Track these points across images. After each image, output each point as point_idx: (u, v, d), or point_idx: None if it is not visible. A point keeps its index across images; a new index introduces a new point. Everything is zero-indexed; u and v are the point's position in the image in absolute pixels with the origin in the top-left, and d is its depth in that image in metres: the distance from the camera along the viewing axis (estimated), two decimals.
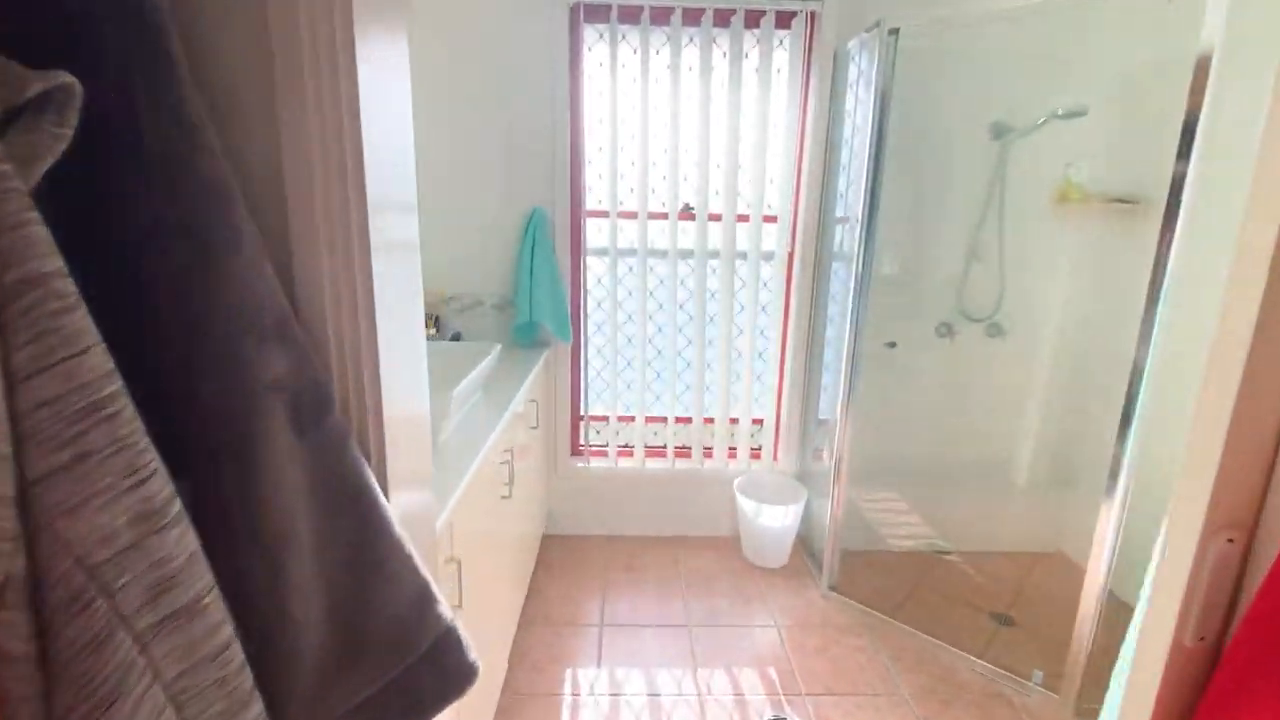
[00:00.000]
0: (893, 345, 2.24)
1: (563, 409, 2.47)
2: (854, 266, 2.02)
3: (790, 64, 2.25)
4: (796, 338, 2.45)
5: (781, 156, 2.33)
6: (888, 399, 2.44)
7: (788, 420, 2.52)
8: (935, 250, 2.36)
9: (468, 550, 1.20)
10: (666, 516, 2.59)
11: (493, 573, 1.50)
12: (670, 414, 2.53)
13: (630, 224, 2.40)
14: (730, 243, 2.34)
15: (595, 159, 2.38)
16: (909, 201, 2.30)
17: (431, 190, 2.26)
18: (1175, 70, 1.54)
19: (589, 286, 2.48)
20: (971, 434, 2.54)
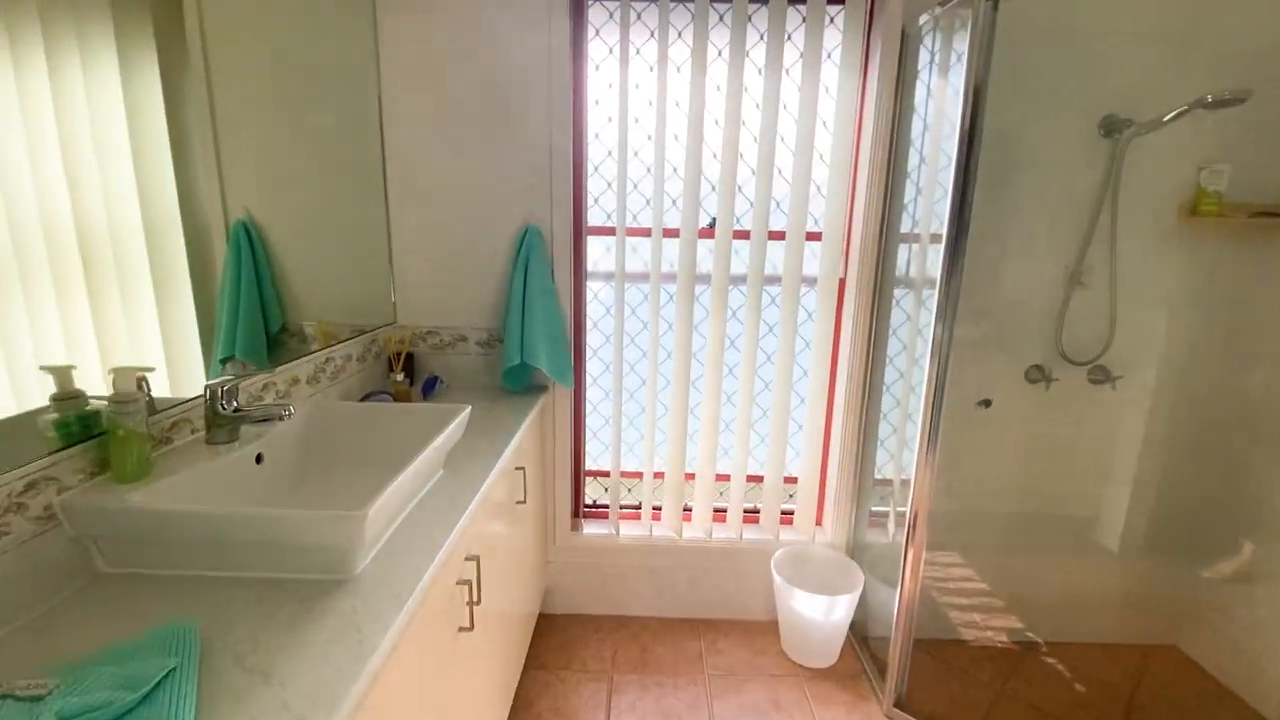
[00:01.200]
0: (987, 404, 1.78)
1: (562, 464, 2.05)
2: (936, 295, 1.57)
3: (845, 47, 1.81)
4: (850, 380, 1.99)
5: (831, 160, 1.89)
6: (964, 455, 1.97)
7: (837, 480, 2.07)
8: (1026, 275, 1.90)
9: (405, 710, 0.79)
10: (688, 595, 2.15)
11: (455, 708, 1.08)
12: (693, 471, 2.09)
13: (643, 242, 1.98)
14: (765, 265, 1.90)
15: (602, 165, 1.97)
16: (995, 214, 1.84)
17: (401, 203, 1.86)
18: None
19: (594, 318, 2.06)
20: (1067, 498, 2.06)
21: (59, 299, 0.90)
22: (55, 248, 0.90)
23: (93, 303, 0.95)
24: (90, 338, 0.95)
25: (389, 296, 1.92)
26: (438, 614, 1.01)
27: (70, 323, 0.91)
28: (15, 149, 0.85)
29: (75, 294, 0.93)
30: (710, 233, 1.93)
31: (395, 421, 1.30)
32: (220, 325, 1.27)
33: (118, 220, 1.00)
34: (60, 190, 0.91)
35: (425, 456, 1.06)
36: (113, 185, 0.99)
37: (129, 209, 1.03)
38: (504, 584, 1.49)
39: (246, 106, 1.30)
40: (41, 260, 0.87)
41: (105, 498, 0.87)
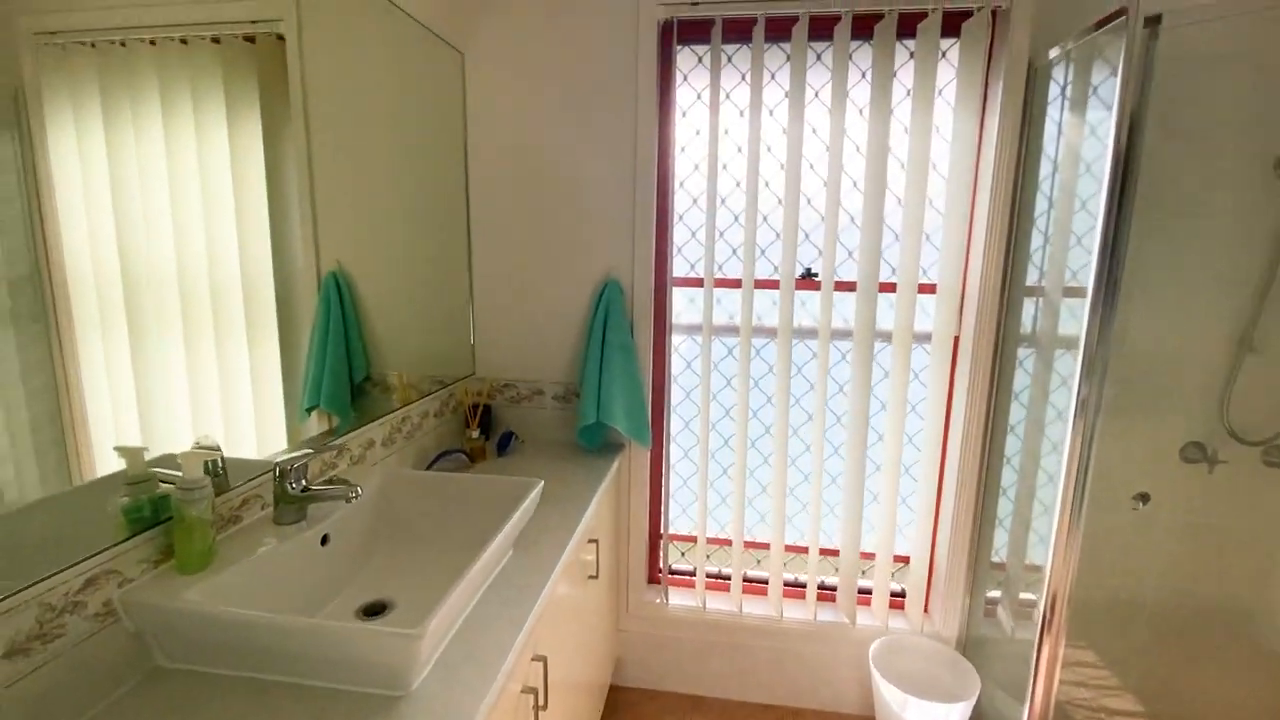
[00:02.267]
0: (1145, 499, 1.51)
1: (638, 529, 1.93)
2: (1080, 357, 1.35)
3: (960, 83, 1.63)
4: (965, 449, 1.76)
5: (945, 206, 1.71)
6: (1106, 542, 1.69)
7: (948, 563, 1.82)
8: (1183, 337, 1.62)
9: None
10: (771, 678, 1.95)
11: None
12: (779, 541, 1.91)
13: (730, 294, 1.86)
14: (868, 320, 1.73)
15: (688, 214, 1.87)
16: (1141, 267, 1.58)
17: (483, 254, 1.84)
18: None
19: (675, 373, 1.95)
20: (1236, 598, 1.72)
21: (152, 347, 0.90)
22: (152, 300, 0.90)
23: (188, 353, 0.96)
24: (182, 387, 0.95)
25: (469, 348, 1.89)
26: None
27: (159, 371, 0.91)
28: (131, 204, 0.86)
29: (171, 343, 0.93)
30: (806, 284, 1.79)
31: (465, 495, 1.23)
32: (307, 375, 1.26)
33: (217, 273, 1.01)
34: (166, 244, 0.92)
35: (490, 552, 0.97)
36: (215, 239, 1.01)
37: (228, 262, 1.03)
38: (572, 668, 1.37)
39: (341, 161, 1.30)
40: (137, 311, 0.88)
41: (165, 594, 0.83)
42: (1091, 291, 1.33)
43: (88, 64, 0.81)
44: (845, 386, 1.84)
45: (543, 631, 1.11)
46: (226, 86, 1.03)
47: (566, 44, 1.72)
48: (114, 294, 0.85)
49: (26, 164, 0.74)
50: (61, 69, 0.77)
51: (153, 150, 0.90)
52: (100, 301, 0.82)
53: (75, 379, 0.79)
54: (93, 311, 0.81)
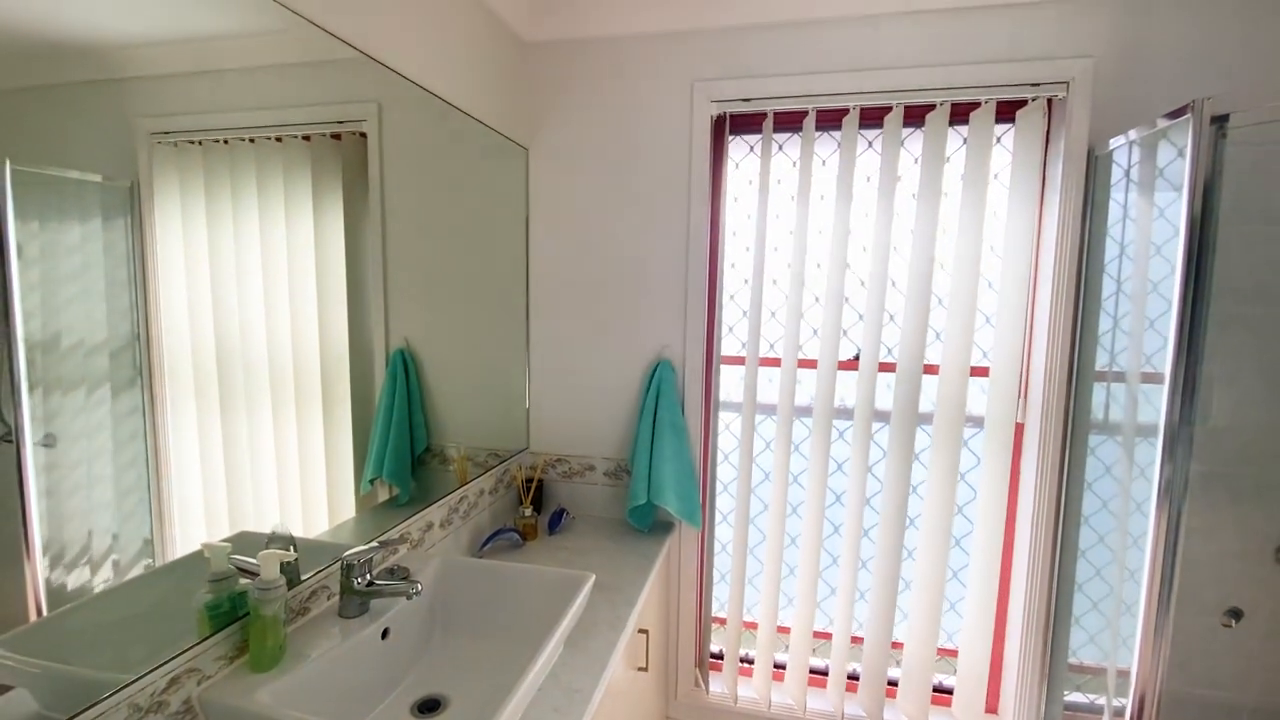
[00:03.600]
0: (1238, 616, 1.40)
1: (687, 613, 1.89)
2: (1160, 445, 1.27)
3: (1016, 168, 1.62)
4: (1034, 542, 1.67)
5: (1001, 288, 1.68)
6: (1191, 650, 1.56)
7: (1019, 662, 1.71)
8: (1270, 429, 1.51)
9: None
10: None
11: None
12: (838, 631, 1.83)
13: (779, 373, 1.85)
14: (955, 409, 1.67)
15: (739, 294, 1.89)
16: (1224, 354, 1.50)
17: (540, 333, 1.90)
18: None
19: (725, 451, 1.94)
20: None
21: (234, 423, 0.97)
22: (240, 377, 0.98)
23: (271, 429, 1.03)
24: (263, 461, 1.01)
25: (524, 423, 1.94)
26: None
27: (240, 445, 0.97)
28: (226, 286, 0.95)
29: (253, 419, 1.00)
30: (853, 364, 1.77)
31: (518, 585, 1.24)
32: (372, 447, 1.32)
33: (301, 352, 1.10)
34: (257, 325, 1.01)
35: (540, 664, 0.97)
36: (299, 319, 1.09)
37: (310, 341, 1.12)
38: None
39: (412, 247, 1.40)
40: (225, 388, 0.95)
41: (240, 693, 0.86)
42: (1169, 378, 1.26)
43: (194, 160, 0.91)
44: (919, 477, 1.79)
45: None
46: (314, 179, 1.14)
47: (624, 137, 1.80)
48: (206, 370, 0.92)
49: (136, 250, 0.82)
50: (172, 163, 0.87)
51: (247, 237, 1.00)
52: (194, 376, 0.90)
53: (165, 451, 0.86)
54: (186, 386, 0.89)
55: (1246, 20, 1.45)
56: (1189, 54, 1.48)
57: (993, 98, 1.56)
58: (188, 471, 0.89)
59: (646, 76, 1.77)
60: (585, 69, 1.81)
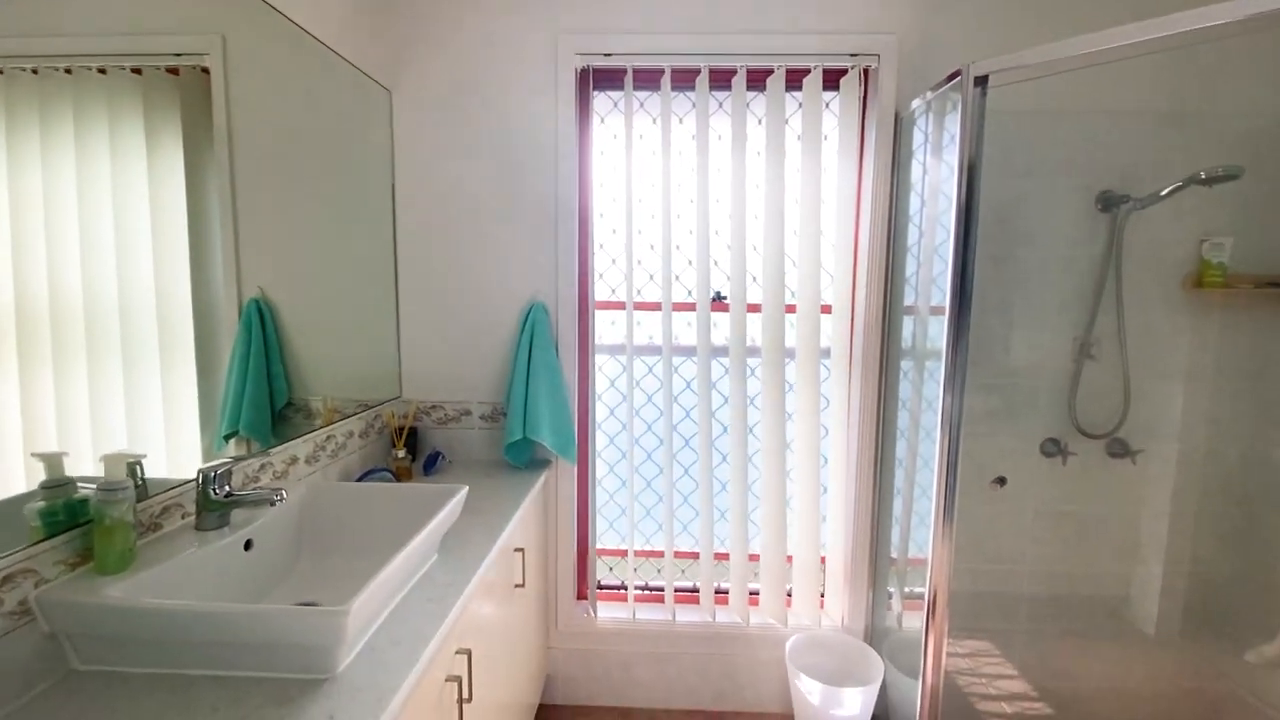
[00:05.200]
0: (1002, 482, 1.72)
1: (565, 544, 1.99)
2: (943, 367, 1.55)
3: (841, 131, 1.87)
4: (860, 456, 1.94)
5: (834, 236, 1.92)
6: (984, 532, 1.90)
7: (851, 561, 1.98)
8: (1035, 348, 1.88)
9: None
10: (698, 684, 2.03)
11: None
12: (703, 550, 2.02)
13: (650, 316, 2.00)
14: (777, 338, 1.90)
15: (609, 242, 2.01)
16: (999, 287, 1.84)
17: (410, 281, 1.90)
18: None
19: (599, 392, 2.05)
20: (1096, 579, 1.96)
21: (60, 374, 0.91)
22: (60, 323, 0.92)
23: (92, 378, 0.96)
24: (88, 413, 0.95)
25: (395, 371, 1.93)
26: (424, 716, 0.95)
27: (69, 397, 0.92)
28: (31, 226, 0.88)
29: (76, 368, 0.94)
30: (720, 306, 1.95)
31: (391, 503, 1.28)
32: (226, 401, 1.28)
33: (129, 297, 1.03)
34: (72, 266, 0.93)
35: (415, 545, 1.03)
36: (127, 263, 1.02)
37: (141, 287, 1.05)
38: (499, 676, 1.41)
39: (266, 191, 1.35)
40: (45, 336, 0.89)
41: (82, 592, 0.84)
42: (948, 309, 1.53)
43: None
44: (756, 399, 2.00)
45: (467, 628, 1.16)
46: (147, 116, 1.07)
47: (491, 85, 1.85)
48: (26, 316, 0.86)
49: None
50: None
51: (60, 179, 0.92)
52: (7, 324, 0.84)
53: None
54: None
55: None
56: (976, 27, 1.78)
57: (820, 65, 1.79)
58: (8, 429, 0.84)
59: (515, 28, 1.83)
60: (452, 11, 1.83)
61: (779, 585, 2.00)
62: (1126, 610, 1.98)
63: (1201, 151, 1.71)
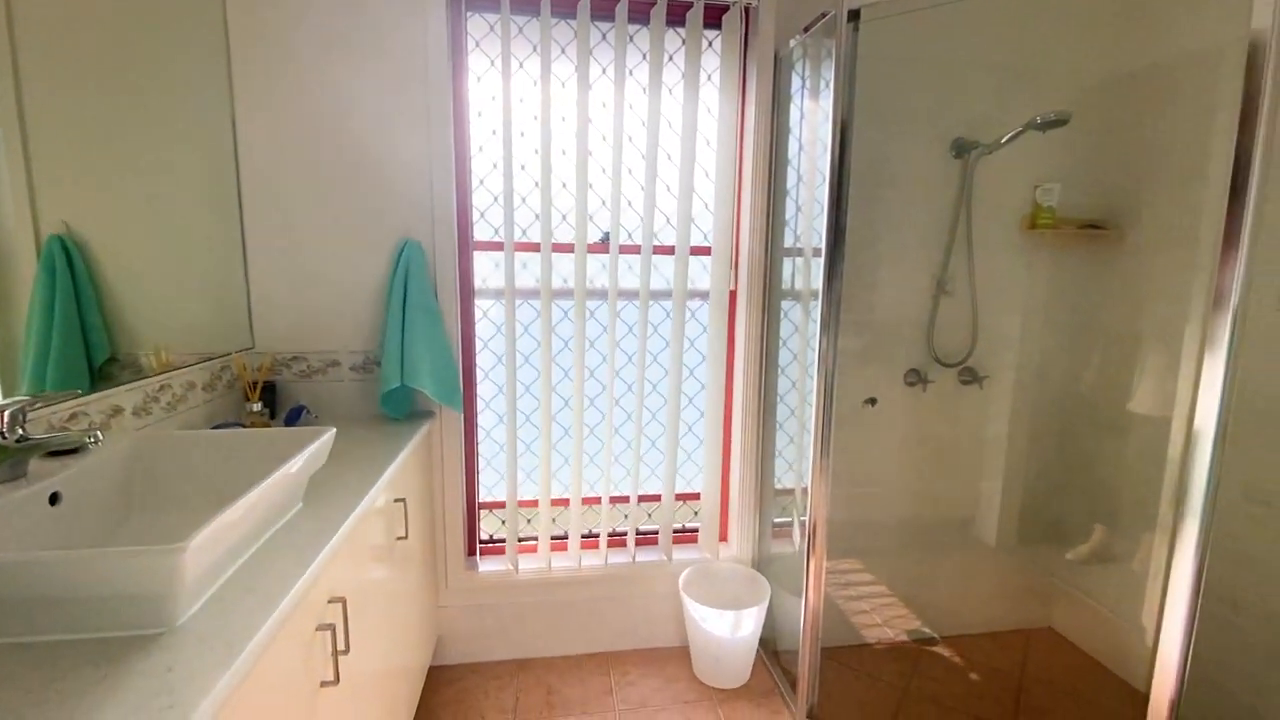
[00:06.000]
0: (873, 402, 1.85)
1: (452, 497, 1.89)
2: (820, 306, 1.61)
3: (723, 70, 1.88)
4: (746, 392, 2.01)
5: (716, 178, 1.94)
6: (856, 460, 2.04)
7: (739, 494, 2.06)
8: (901, 286, 2.02)
9: None
10: (595, 629, 2.03)
11: None
12: (594, 495, 2.01)
13: (533, 258, 1.92)
14: (658, 280, 1.90)
15: (488, 179, 1.89)
16: (868, 229, 1.95)
17: (258, 219, 1.69)
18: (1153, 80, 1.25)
19: (484, 338, 1.95)
20: (949, 495, 2.18)
21: None
22: None
23: None
24: None
25: (245, 320, 1.71)
26: (291, 667, 0.85)
27: None
28: None
29: None
30: (603, 247, 1.91)
31: (242, 450, 1.13)
32: (26, 357, 1.06)
33: None
34: None
35: (272, 483, 0.91)
36: None
37: None
38: (383, 632, 1.32)
39: (67, 106, 1.12)
40: None
41: None
42: (825, 249, 1.59)
43: None
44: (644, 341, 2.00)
45: (342, 578, 1.06)
46: None
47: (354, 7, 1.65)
48: None
49: None
50: None
51: None
52: None
53: None
54: None
55: None
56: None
57: (701, 1, 1.77)
58: None
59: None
60: None
61: (673, 523, 2.04)
62: (973, 524, 2.22)
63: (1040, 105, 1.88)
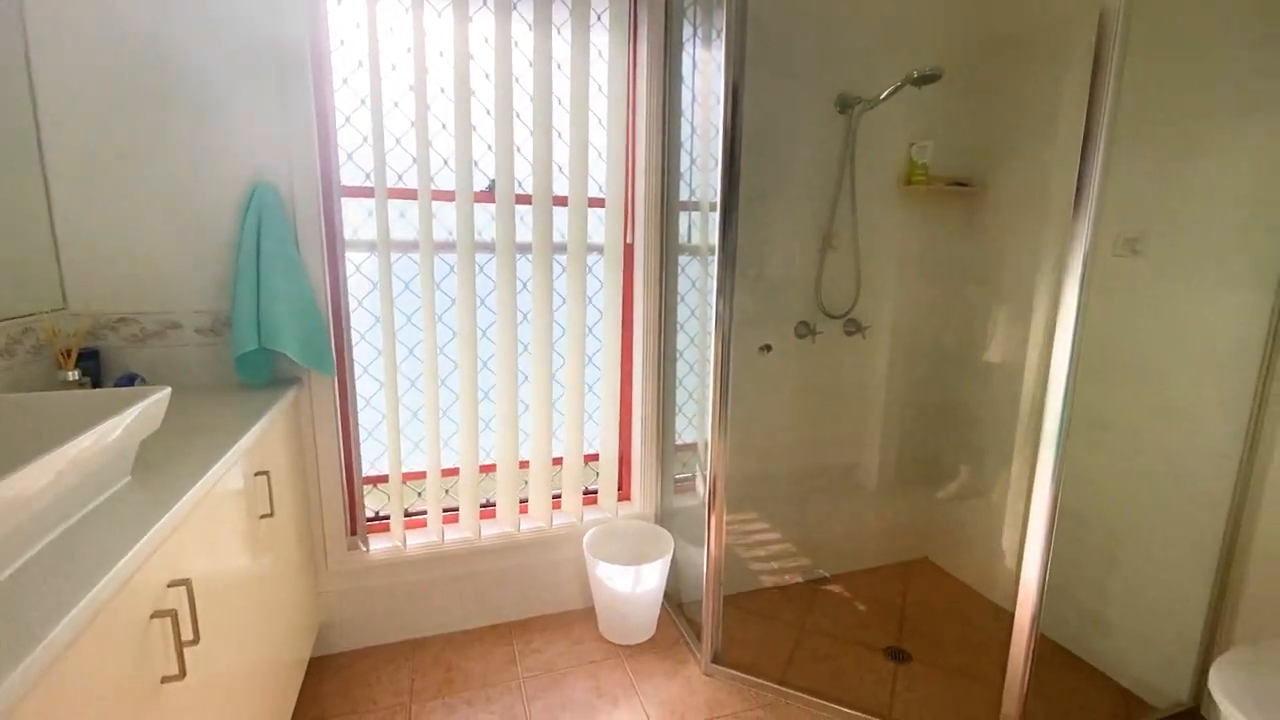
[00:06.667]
0: (768, 348, 1.87)
1: (329, 473, 1.72)
2: (715, 261, 1.59)
3: (612, 12, 1.79)
4: (645, 349, 1.98)
5: (608, 125, 1.86)
6: (751, 413, 2.08)
7: (641, 450, 2.04)
8: (790, 240, 2.06)
9: None
10: (497, 599, 1.95)
11: None
12: (491, 462, 1.90)
13: (411, 206, 1.75)
14: (550, 233, 1.80)
15: (356, 116, 1.70)
16: (760, 183, 1.96)
17: (64, 159, 1.41)
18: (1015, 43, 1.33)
19: (358, 295, 1.77)
20: (836, 442, 2.28)
21: None
22: None
23: None
24: None
25: (52, 276, 1.43)
26: (118, 659, 0.71)
27: None
28: None
29: None
30: (488, 196, 1.78)
31: (41, 413, 0.92)
32: None
33: None
34: None
35: (78, 450, 0.75)
36: None
37: None
38: (245, 620, 1.16)
39: None
40: None
41: None
42: (720, 204, 1.55)
43: None
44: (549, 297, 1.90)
45: (187, 558, 0.91)
46: None
47: None
48: None
49: None
50: None
51: None
52: None
53: None
54: None
55: None
56: None
57: None
58: None
59: None
60: None
61: (576, 485, 1.99)
62: (857, 469, 2.35)
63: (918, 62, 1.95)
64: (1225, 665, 1.14)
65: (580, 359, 1.91)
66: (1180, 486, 1.63)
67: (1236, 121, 1.49)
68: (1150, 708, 1.65)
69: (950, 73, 1.85)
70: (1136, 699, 1.68)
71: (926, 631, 1.99)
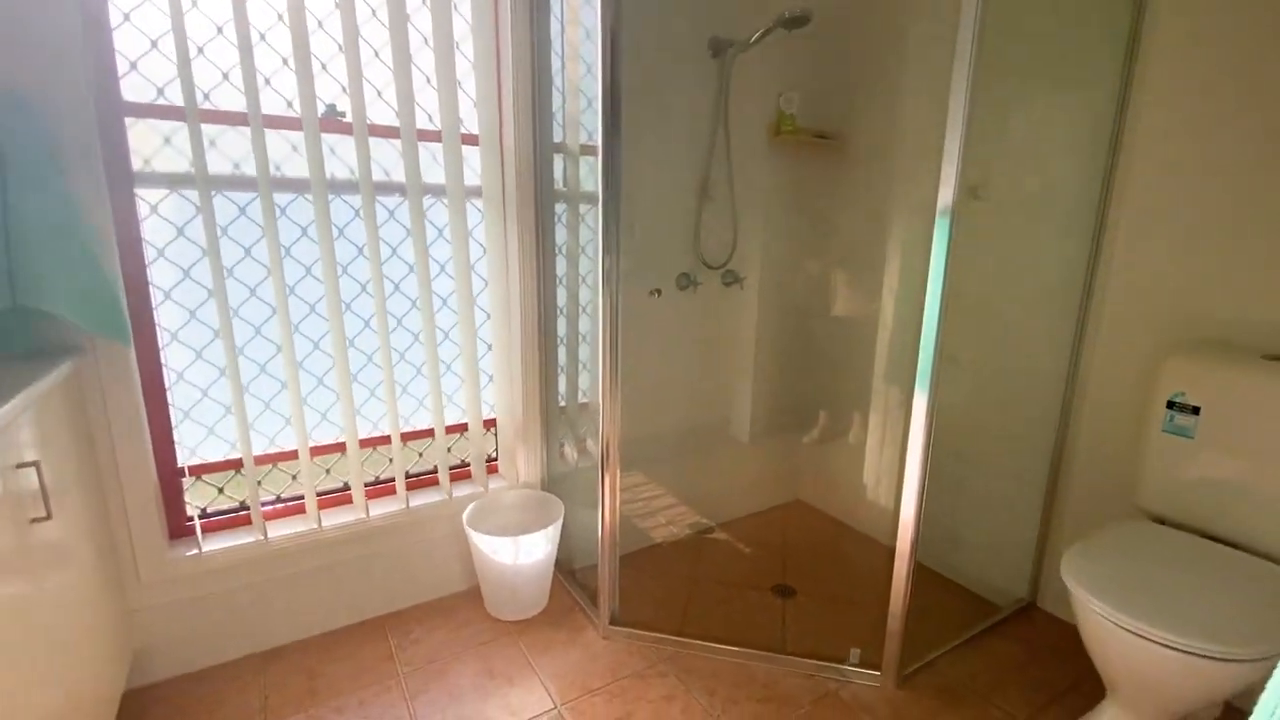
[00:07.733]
0: (658, 293, 1.80)
1: (136, 465, 1.38)
2: (600, 214, 1.45)
3: None
4: (524, 305, 1.82)
5: (474, 54, 1.66)
6: (633, 368, 2.01)
7: (524, 415, 1.89)
8: (671, 189, 2.00)
9: None
10: (364, 591, 1.72)
11: None
12: (346, 438, 1.66)
13: (226, 134, 1.44)
14: (413, 172, 1.58)
15: (139, 13, 1.34)
16: (638, 130, 1.86)
17: None
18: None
19: (162, 244, 1.43)
20: (715, 396, 2.30)
21: None
22: None
23: None
24: None
25: None
26: None
27: None
28: None
29: None
30: (345, 126, 1.51)
31: None
32: None
33: None
34: None
35: None
36: None
37: None
38: (16, 661, 0.88)
39: None
40: None
41: None
42: (602, 150, 1.42)
43: None
44: (399, 249, 1.67)
45: None
46: None
47: None
48: None
49: None
50: None
51: None
52: None
53: None
54: None
55: None
56: None
57: None
58: None
59: None
60: None
61: (449, 458, 1.80)
62: (732, 420, 2.39)
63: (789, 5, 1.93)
64: (1070, 558, 1.29)
65: (472, 319, 1.71)
66: (1017, 411, 1.82)
67: (1056, 85, 1.65)
68: (997, 608, 1.86)
69: (819, 23, 1.87)
70: (987, 602, 1.89)
71: (807, 567, 2.09)
